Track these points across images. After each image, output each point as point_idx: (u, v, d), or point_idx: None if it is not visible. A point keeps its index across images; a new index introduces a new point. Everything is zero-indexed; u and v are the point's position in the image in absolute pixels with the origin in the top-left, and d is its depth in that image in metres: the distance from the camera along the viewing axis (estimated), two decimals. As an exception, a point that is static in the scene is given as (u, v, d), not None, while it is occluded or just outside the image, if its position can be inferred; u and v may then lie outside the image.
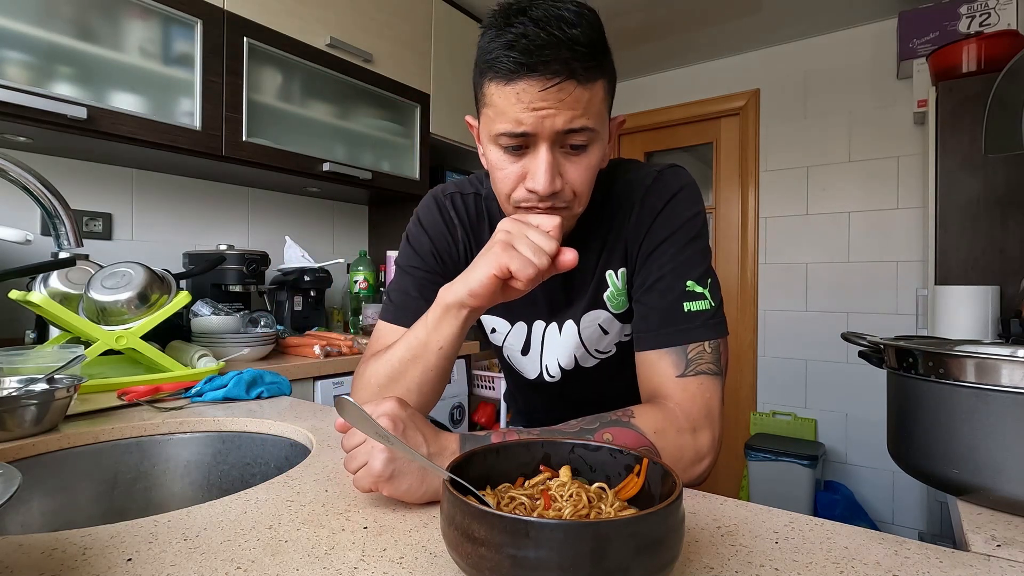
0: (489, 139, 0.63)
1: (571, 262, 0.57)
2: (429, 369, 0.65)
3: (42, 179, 0.77)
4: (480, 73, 0.61)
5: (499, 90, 0.58)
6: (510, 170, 0.62)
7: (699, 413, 0.61)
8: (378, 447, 0.49)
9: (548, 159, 0.59)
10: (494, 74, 0.58)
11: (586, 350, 0.80)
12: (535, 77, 0.56)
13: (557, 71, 0.55)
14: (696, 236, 0.69)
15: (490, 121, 0.61)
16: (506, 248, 0.57)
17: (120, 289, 1.06)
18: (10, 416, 0.69)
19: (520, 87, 0.56)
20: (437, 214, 0.79)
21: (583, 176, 0.62)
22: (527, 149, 0.60)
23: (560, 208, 0.63)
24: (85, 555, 0.41)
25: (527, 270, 0.55)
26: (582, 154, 0.61)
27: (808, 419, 2.56)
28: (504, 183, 0.63)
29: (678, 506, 0.35)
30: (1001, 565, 0.41)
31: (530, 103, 0.56)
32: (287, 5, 1.67)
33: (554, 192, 0.60)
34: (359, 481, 0.50)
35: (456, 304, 0.61)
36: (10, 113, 1.17)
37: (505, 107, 0.58)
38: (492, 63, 0.58)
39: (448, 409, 1.92)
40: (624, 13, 2.40)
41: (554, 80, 0.55)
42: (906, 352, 0.57)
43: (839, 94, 2.52)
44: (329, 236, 2.28)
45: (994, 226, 1.69)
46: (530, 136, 0.59)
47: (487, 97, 0.61)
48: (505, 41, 0.56)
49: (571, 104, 0.57)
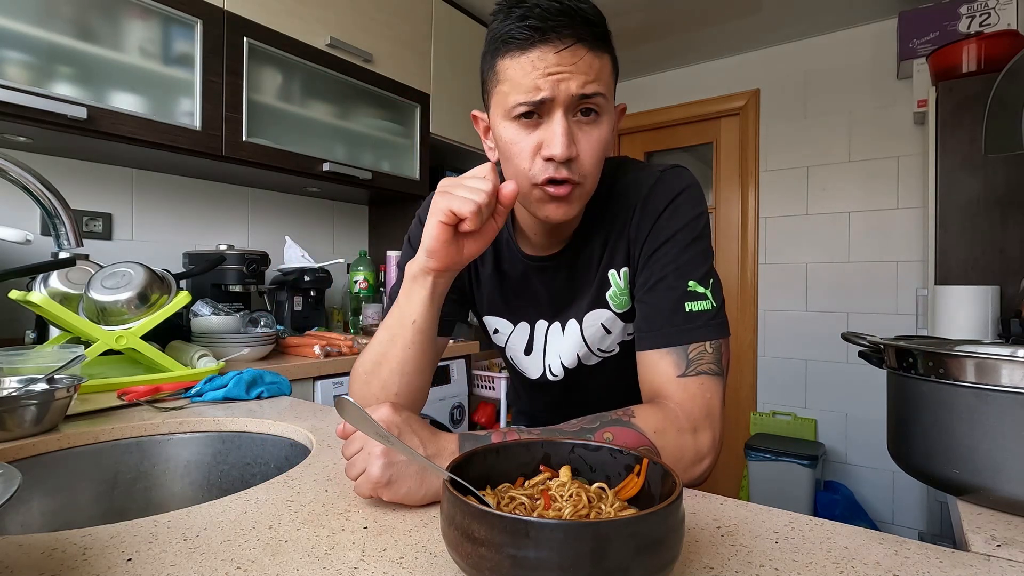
0: (503, 115, 0.64)
1: (512, 191, 0.59)
2: (407, 346, 0.65)
3: (42, 179, 0.77)
4: (492, 54, 0.63)
5: (514, 62, 0.61)
6: (526, 143, 0.63)
7: (700, 413, 0.61)
8: (375, 453, 0.50)
9: (563, 124, 0.61)
10: (508, 47, 0.61)
11: (589, 349, 0.80)
12: (549, 43, 0.59)
13: (570, 36, 0.59)
14: (698, 237, 0.69)
15: (504, 96, 0.63)
16: (443, 195, 0.59)
17: (120, 289, 1.06)
18: (10, 416, 0.69)
19: (535, 54, 0.59)
20: None
21: (594, 149, 0.64)
22: (541, 119, 0.62)
23: (574, 183, 0.63)
24: (85, 555, 0.41)
25: (467, 206, 0.56)
26: (594, 124, 0.63)
27: (808, 419, 2.56)
28: (521, 157, 0.64)
29: (678, 506, 0.35)
30: (1001, 565, 0.41)
31: (545, 68, 0.59)
32: (287, 5, 1.67)
33: (570, 158, 0.61)
34: (359, 488, 0.51)
35: (420, 271, 0.63)
36: (10, 113, 1.17)
37: (521, 77, 0.60)
38: (507, 36, 0.60)
39: (448, 409, 1.92)
40: (624, 13, 2.40)
41: (568, 43, 0.59)
42: (906, 352, 0.57)
43: (839, 94, 2.52)
44: (329, 236, 2.28)
45: (994, 226, 1.69)
46: (546, 103, 0.60)
47: (501, 73, 0.63)
48: (518, 15, 0.59)
49: (584, 69, 0.60)
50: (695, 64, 2.91)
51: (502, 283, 0.80)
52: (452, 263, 0.62)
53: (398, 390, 0.67)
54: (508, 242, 0.78)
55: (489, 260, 0.80)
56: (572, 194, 0.64)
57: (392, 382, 0.67)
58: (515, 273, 0.79)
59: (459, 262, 0.63)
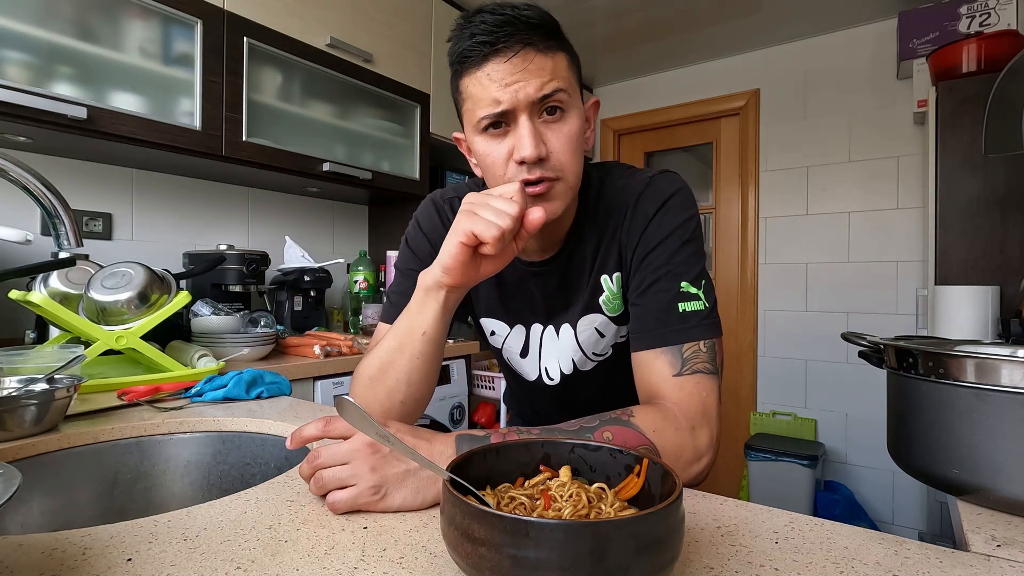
0: (473, 130, 0.66)
1: (539, 219, 0.58)
2: (415, 356, 0.66)
3: (42, 179, 0.77)
4: (455, 76, 0.66)
5: (472, 79, 0.63)
6: (497, 152, 0.64)
7: (696, 412, 0.62)
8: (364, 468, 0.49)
9: (529, 126, 0.62)
10: (465, 66, 0.63)
11: (584, 354, 0.80)
12: (499, 54, 0.61)
13: (517, 41, 0.61)
14: (689, 239, 0.69)
15: (471, 112, 0.64)
16: (468, 215, 0.58)
17: (120, 289, 1.06)
18: (10, 416, 0.69)
19: (489, 68, 0.61)
20: (436, 218, 0.81)
21: (565, 143, 0.64)
22: (508, 127, 0.63)
23: (551, 180, 0.64)
24: (85, 555, 0.41)
25: (491, 231, 0.56)
26: (560, 120, 0.64)
27: (808, 419, 2.56)
28: (495, 167, 0.65)
29: (678, 506, 0.35)
30: (1001, 565, 0.41)
31: (501, 80, 0.61)
32: (287, 5, 1.67)
33: (540, 158, 0.62)
34: (337, 506, 0.48)
35: (434, 285, 0.63)
36: (10, 113, 1.17)
37: (480, 92, 0.62)
38: (461, 56, 0.63)
39: (448, 409, 1.92)
40: (624, 13, 2.39)
41: (516, 49, 0.61)
42: (906, 352, 0.57)
43: (839, 94, 2.52)
44: (329, 236, 2.28)
45: (994, 226, 1.69)
46: (508, 112, 0.62)
47: (464, 92, 0.65)
48: (469, 32, 0.62)
49: (536, 72, 0.61)
50: (695, 64, 2.91)
51: (499, 286, 0.81)
52: (467, 280, 0.63)
53: (403, 398, 0.67)
54: None
55: None
56: (552, 191, 0.65)
57: (398, 390, 0.67)
58: (511, 277, 0.79)
59: (474, 279, 0.63)
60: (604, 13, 2.39)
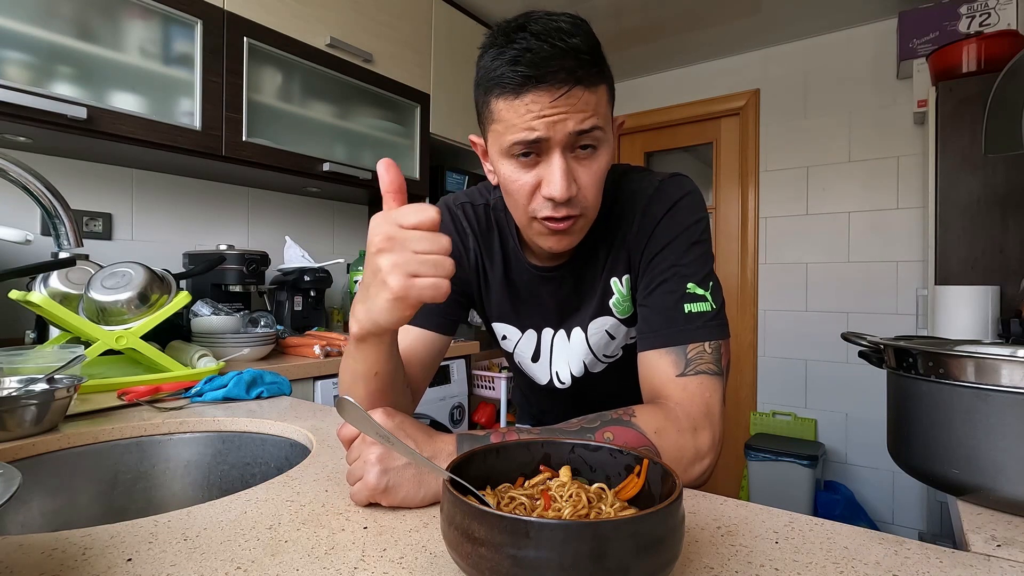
0: (500, 153, 0.63)
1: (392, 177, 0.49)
2: (373, 392, 0.60)
3: (42, 179, 0.77)
4: (485, 91, 0.62)
5: (508, 105, 0.59)
6: (524, 180, 0.62)
7: (699, 413, 0.61)
8: (371, 460, 0.50)
9: (562, 164, 0.60)
10: (501, 90, 0.59)
11: (595, 356, 0.81)
12: (544, 88, 0.57)
13: (565, 80, 0.57)
14: (698, 240, 0.69)
15: (500, 135, 0.62)
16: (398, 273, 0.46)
17: (120, 289, 1.06)
18: (10, 416, 0.69)
19: (529, 99, 0.58)
20: (450, 222, 0.81)
21: (594, 180, 0.63)
22: (539, 157, 0.61)
23: (575, 216, 0.63)
24: (85, 555, 0.41)
25: (437, 291, 0.47)
26: (592, 157, 0.62)
27: (808, 419, 2.56)
28: (520, 195, 0.63)
29: (678, 506, 0.35)
30: (1001, 565, 0.41)
31: (540, 111, 0.58)
32: (287, 5, 1.67)
33: (570, 197, 0.61)
34: (355, 495, 0.51)
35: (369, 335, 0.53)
36: (10, 113, 1.17)
37: (515, 119, 0.59)
38: (499, 80, 0.59)
39: (448, 409, 1.92)
40: (624, 13, 2.39)
41: (563, 88, 0.57)
42: (906, 352, 0.57)
43: (839, 94, 2.52)
44: (329, 236, 2.28)
45: (994, 226, 1.69)
46: (543, 142, 0.59)
47: (495, 114, 0.61)
48: (510, 57, 0.57)
49: (580, 107, 0.58)
50: (695, 64, 2.91)
51: (510, 291, 0.81)
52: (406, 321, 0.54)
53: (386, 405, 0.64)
54: (515, 251, 0.78)
55: (499, 268, 0.80)
56: (573, 227, 0.65)
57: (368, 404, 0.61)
58: (522, 282, 0.79)
59: None
60: (604, 13, 2.39)
